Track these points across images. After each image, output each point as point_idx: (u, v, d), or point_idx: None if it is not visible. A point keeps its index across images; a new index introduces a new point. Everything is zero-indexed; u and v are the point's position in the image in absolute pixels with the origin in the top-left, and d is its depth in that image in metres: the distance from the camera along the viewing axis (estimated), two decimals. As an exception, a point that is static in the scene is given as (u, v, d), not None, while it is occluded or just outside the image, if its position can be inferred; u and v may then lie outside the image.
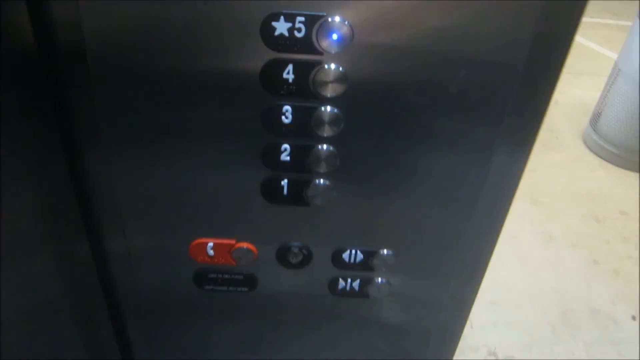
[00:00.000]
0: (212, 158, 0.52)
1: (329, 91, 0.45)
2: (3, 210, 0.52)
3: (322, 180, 0.52)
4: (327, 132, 0.48)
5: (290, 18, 0.42)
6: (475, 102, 0.48)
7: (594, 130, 2.85)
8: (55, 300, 0.63)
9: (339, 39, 0.42)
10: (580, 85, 3.54)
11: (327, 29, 0.42)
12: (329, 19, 0.42)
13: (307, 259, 0.60)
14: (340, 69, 0.44)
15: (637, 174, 2.73)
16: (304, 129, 0.48)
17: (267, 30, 0.43)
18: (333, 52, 0.43)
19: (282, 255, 0.59)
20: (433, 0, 0.42)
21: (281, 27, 0.42)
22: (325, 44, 0.43)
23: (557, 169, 2.75)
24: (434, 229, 0.58)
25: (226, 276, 0.62)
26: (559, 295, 2.04)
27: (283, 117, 0.48)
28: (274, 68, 0.45)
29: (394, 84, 0.46)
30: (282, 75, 0.45)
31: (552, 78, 0.49)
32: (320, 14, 0.42)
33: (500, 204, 0.58)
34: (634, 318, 1.97)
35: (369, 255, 0.60)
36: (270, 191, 0.53)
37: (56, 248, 0.59)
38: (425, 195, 0.55)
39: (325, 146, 0.50)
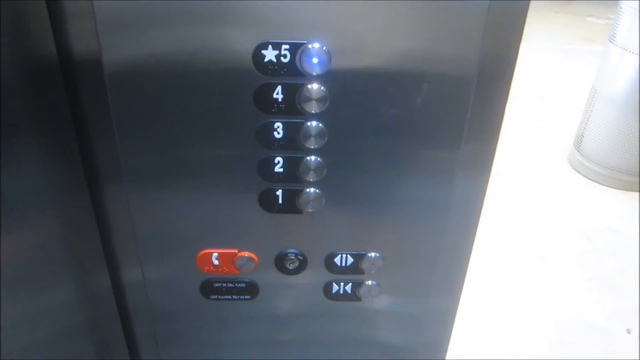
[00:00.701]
0: (216, 177, 0.59)
1: (313, 108, 0.53)
2: (28, 240, 0.58)
3: (312, 189, 0.59)
4: (313, 144, 0.55)
5: (277, 46, 0.50)
6: (436, 122, 0.56)
7: (578, 151, 2.93)
8: (75, 327, 0.68)
9: (319, 63, 0.50)
10: (563, 110, 3.63)
11: (308, 54, 0.50)
12: (309, 46, 0.49)
13: (302, 264, 0.66)
14: (322, 88, 0.52)
15: (621, 191, 2.80)
16: (294, 143, 0.56)
17: (258, 58, 0.50)
18: (314, 74, 0.51)
19: (280, 262, 0.65)
20: (394, 28, 0.50)
21: (270, 54, 0.50)
22: (307, 67, 0.50)
23: (545, 191, 2.82)
24: (414, 235, 0.65)
25: (230, 285, 0.68)
26: (554, 312, 2.07)
27: (275, 133, 0.55)
28: (266, 90, 0.52)
29: (369, 99, 0.54)
30: (272, 96, 0.52)
31: (500, 102, 0.57)
32: (302, 41, 0.49)
33: (468, 218, 0.66)
34: (628, 332, 2.00)
35: (358, 258, 0.66)
36: (267, 201, 0.60)
37: (76, 277, 0.65)
38: (403, 204, 0.62)
39: (313, 157, 0.57)
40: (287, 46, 0.50)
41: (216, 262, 0.65)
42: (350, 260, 0.66)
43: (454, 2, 0.49)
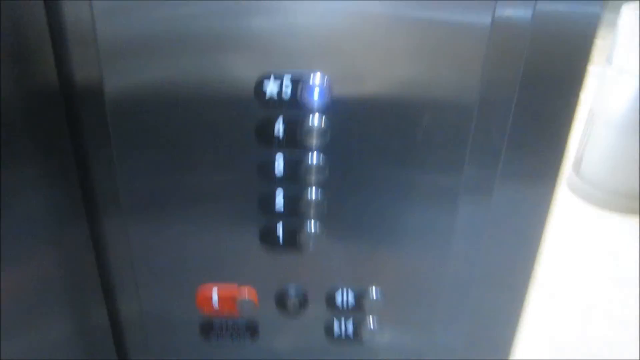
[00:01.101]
0: (216, 210, 0.57)
1: (315, 141, 0.51)
2: (25, 273, 0.56)
3: (313, 226, 0.57)
4: (314, 178, 0.54)
5: (278, 78, 0.48)
6: (437, 152, 0.54)
7: (577, 174, 2.92)
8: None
9: (319, 95, 0.49)
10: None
11: (309, 87, 0.48)
12: (311, 77, 0.48)
13: (303, 303, 0.64)
14: (324, 120, 0.50)
15: (621, 215, 2.78)
16: (295, 177, 0.54)
17: (259, 90, 0.49)
18: (315, 106, 0.50)
19: (281, 301, 0.63)
20: (395, 58, 0.49)
21: (271, 86, 0.49)
22: (308, 99, 0.49)
23: (544, 215, 2.80)
24: (416, 272, 0.63)
25: (230, 323, 0.65)
26: (555, 343, 2.04)
27: (276, 166, 0.53)
28: (267, 123, 0.51)
29: (372, 132, 0.52)
30: (273, 129, 0.51)
31: (503, 127, 0.55)
32: (303, 73, 0.48)
33: (473, 254, 0.63)
34: (633, 365, 1.96)
35: (360, 295, 0.63)
36: (268, 237, 0.58)
37: (74, 312, 0.63)
38: (404, 240, 0.60)
39: (314, 192, 0.55)
40: (288, 78, 0.49)
41: (217, 305, 0.63)
42: (351, 297, 0.64)
43: (455, 26, 0.48)
